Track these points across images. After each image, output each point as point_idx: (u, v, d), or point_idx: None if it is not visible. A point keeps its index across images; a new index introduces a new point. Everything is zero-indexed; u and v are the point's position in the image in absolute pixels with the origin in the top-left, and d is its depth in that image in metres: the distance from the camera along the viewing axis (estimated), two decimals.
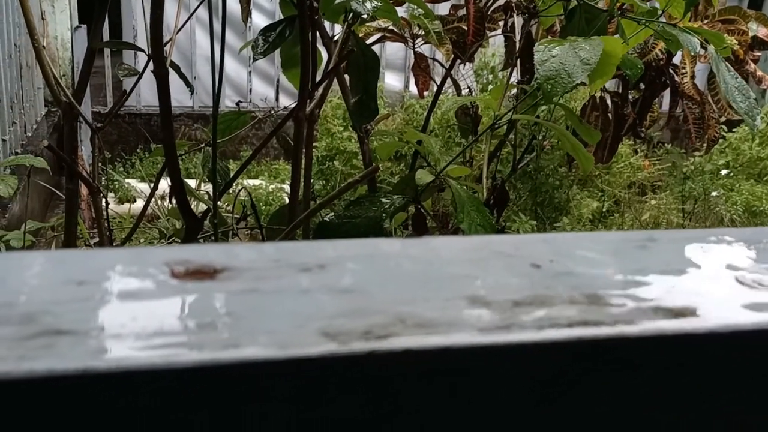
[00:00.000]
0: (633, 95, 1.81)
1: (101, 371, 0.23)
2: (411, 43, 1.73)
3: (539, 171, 3.19)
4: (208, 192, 1.98)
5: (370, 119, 1.32)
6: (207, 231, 1.37)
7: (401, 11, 1.53)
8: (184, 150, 1.51)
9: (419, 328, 0.26)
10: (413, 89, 4.10)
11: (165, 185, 1.56)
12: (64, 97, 1.23)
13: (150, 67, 1.11)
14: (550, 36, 1.70)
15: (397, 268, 0.31)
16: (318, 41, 1.29)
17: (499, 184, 1.46)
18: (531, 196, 3.22)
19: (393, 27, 1.71)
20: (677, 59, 1.78)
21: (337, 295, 0.28)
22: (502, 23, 1.72)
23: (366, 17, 1.32)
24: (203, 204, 1.49)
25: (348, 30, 1.26)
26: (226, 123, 1.40)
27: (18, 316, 0.25)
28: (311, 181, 1.51)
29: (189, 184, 1.49)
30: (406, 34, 1.74)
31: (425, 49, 1.85)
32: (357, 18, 1.25)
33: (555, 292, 0.30)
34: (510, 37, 1.69)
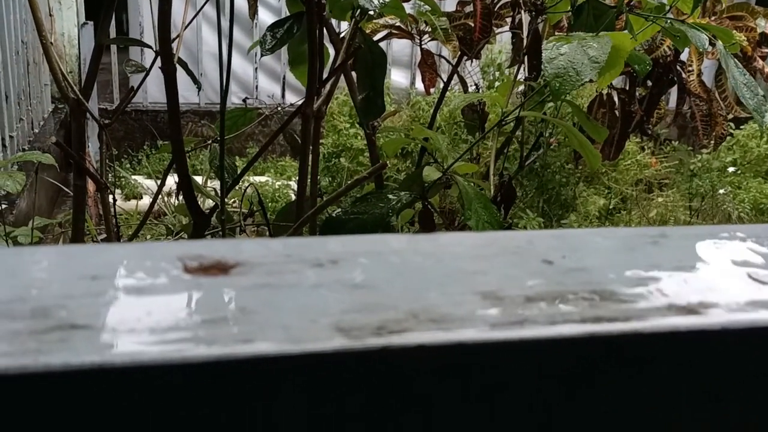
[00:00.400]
0: (640, 92, 1.80)
1: (117, 366, 0.23)
2: (418, 40, 1.73)
3: (546, 168, 3.18)
4: (215, 188, 1.99)
5: (377, 116, 1.32)
6: (214, 227, 1.37)
7: (408, 8, 1.53)
8: (190, 147, 1.51)
9: (432, 323, 0.26)
10: (419, 86, 4.10)
11: (171, 182, 1.56)
12: (72, 94, 1.23)
13: (157, 64, 1.12)
14: (557, 32, 1.70)
15: (409, 263, 0.31)
16: (325, 38, 1.29)
17: (507, 181, 1.45)
18: (538, 193, 3.21)
19: (400, 23, 1.71)
20: (684, 56, 1.77)
21: (350, 291, 0.28)
22: (509, 20, 1.71)
23: (373, 14, 1.32)
24: (210, 200, 1.49)
25: (355, 27, 1.26)
26: (233, 120, 1.40)
27: (33, 310, 0.25)
28: (318, 178, 1.51)
29: (196, 180, 1.49)
30: (412, 30, 1.74)
31: (431, 46, 1.84)
32: (364, 15, 1.25)
33: (567, 287, 0.30)
34: (517, 34, 1.69)
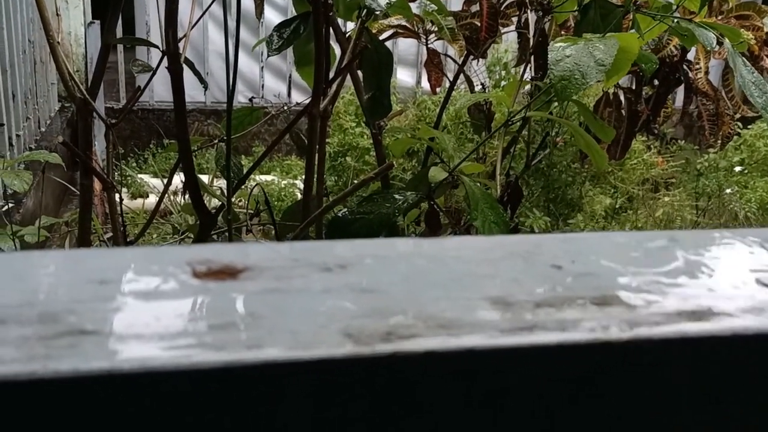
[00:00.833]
0: (646, 91, 1.80)
1: (126, 372, 0.23)
2: (424, 39, 1.73)
3: (552, 167, 3.18)
4: (221, 188, 1.99)
5: (383, 116, 1.32)
6: (220, 227, 1.37)
7: (413, 7, 1.53)
8: (197, 146, 1.51)
9: (441, 329, 0.26)
10: (425, 85, 4.10)
11: (177, 181, 1.56)
12: (78, 93, 1.24)
13: (164, 63, 1.12)
14: (563, 32, 1.70)
15: (418, 268, 0.31)
16: (331, 38, 1.29)
17: (513, 180, 1.45)
18: (543, 192, 3.21)
19: (406, 23, 1.71)
20: (690, 55, 1.77)
21: (358, 295, 0.28)
22: (515, 19, 1.71)
23: (379, 14, 1.32)
24: (216, 200, 1.49)
25: (361, 26, 1.26)
26: (239, 119, 1.40)
27: (41, 315, 0.25)
28: (324, 177, 1.51)
29: (202, 180, 1.50)
30: (419, 30, 1.74)
31: (437, 45, 1.84)
32: (371, 15, 1.25)
33: (577, 293, 0.30)
34: (523, 34, 1.68)
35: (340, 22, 1.49)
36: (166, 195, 1.52)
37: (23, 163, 2.12)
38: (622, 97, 1.78)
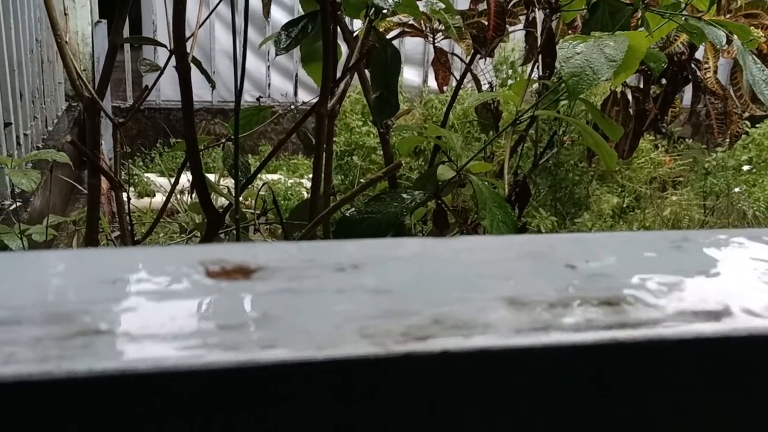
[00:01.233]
0: (654, 90, 1.79)
1: (140, 372, 0.23)
2: (431, 38, 1.72)
3: (559, 166, 3.17)
4: (227, 187, 1.99)
5: (391, 115, 1.32)
6: (227, 226, 1.37)
7: (420, 6, 1.53)
8: (204, 145, 1.51)
9: (456, 329, 0.26)
10: (432, 84, 4.09)
11: (184, 179, 1.56)
12: (87, 93, 1.24)
13: (172, 63, 1.12)
14: (570, 31, 1.69)
15: (432, 268, 0.30)
16: (338, 37, 1.29)
17: (521, 179, 1.45)
18: (550, 191, 3.20)
19: (413, 21, 1.71)
20: (699, 54, 1.76)
21: (373, 296, 0.28)
22: (522, 18, 1.71)
23: (387, 12, 1.32)
24: (222, 199, 1.49)
25: (369, 25, 1.25)
26: (246, 118, 1.40)
27: (55, 315, 0.25)
28: (331, 176, 1.51)
29: (210, 179, 1.50)
30: (425, 28, 1.73)
31: (444, 44, 1.84)
32: (378, 13, 1.25)
33: (591, 293, 0.29)
34: (531, 32, 1.68)
35: (346, 20, 1.49)
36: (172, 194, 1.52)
37: (31, 162, 2.13)
38: (629, 96, 1.77)
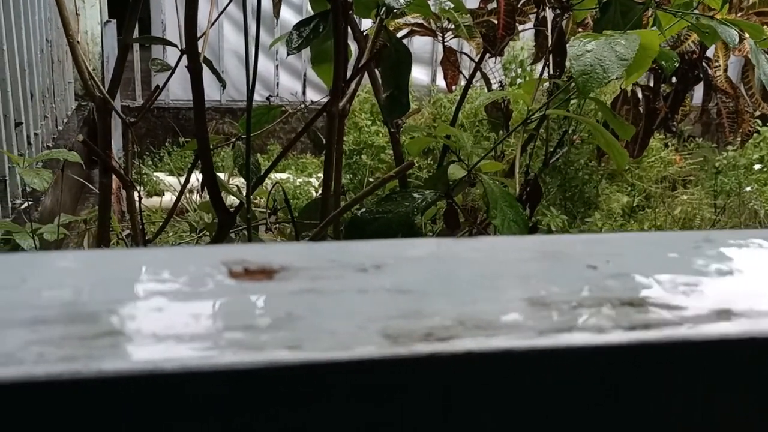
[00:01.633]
0: (664, 89, 1.79)
1: (167, 371, 0.23)
2: (440, 37, 1.72)
3: (569, 165, 3.16)
4: (237, 186, 1.99)
5: (401, 114, 1.32)
6: (238, 226, 1.37)
7: (429, 5, 1.52)
8: (213, 144, 1.51)
9: (479, 330, 0.26)
10: (441, 83, 4.09)
11: (193, 178, 1.57)
12: (98, 92, 1.24)
13: (183, 63, 1.12)
14: (581, 29, 1.69)
15: (453, 268, 0.30)
16: (348, 36, 1.29)
17: (532, 179, 1.44)
18: (560, 190, 3.20)
19: (422, 21, 1.70)
20: (709, 53, 1.75)
21: (396, 296, 0.28)
22: (532, 17, 1.70)
23: (397, 12, 1.32)
24: (231, 198, 1.49)
25: (380, 25, 1.26)
26: (257, 117, 1.40)
27: (81, 315, 0.26)
28: (341, 176, 1.51)
29: (221, 178, 1.50)
30: (435, 28, 1.73)
31: (453, 43, 1.84)
32: (389, 13, 1.25)
33: (613, 293, 0.29)
34: (541, 31, 1.68)
35: (356, 19, 1.49)
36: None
37: (41, 162, 2.14)
38: (640, 95, 1.77)
